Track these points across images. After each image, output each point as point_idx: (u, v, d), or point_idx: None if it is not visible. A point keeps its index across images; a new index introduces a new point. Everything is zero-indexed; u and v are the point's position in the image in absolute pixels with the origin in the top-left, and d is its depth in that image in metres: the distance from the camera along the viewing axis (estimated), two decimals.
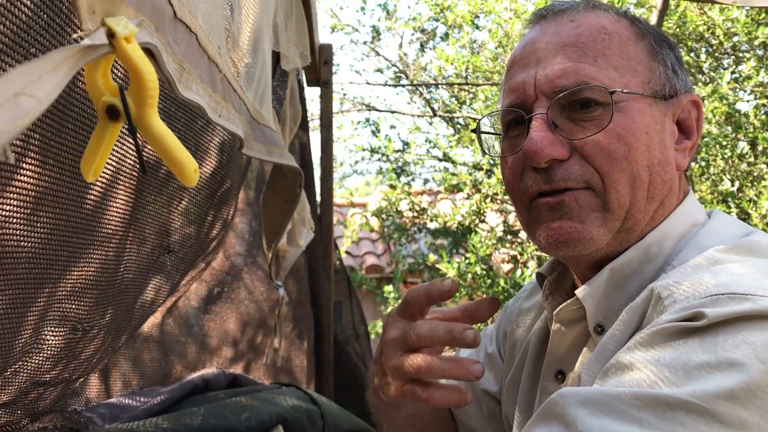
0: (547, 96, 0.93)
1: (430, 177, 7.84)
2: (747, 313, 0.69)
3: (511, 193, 1.01)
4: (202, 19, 0.76)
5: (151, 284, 1.62)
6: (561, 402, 0.71)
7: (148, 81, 0.47)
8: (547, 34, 0.96)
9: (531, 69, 0.95)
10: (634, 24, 0.98)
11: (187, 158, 0.49)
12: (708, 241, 0.90)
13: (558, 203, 0.92)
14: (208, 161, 1.64)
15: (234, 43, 0.99)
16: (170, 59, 0.61)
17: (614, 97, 0.90)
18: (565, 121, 0.93)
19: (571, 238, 0.91)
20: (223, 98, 0.89)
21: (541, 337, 1.12)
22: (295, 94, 2.27)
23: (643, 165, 0.91)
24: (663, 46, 0.98)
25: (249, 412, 1.52)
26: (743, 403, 0.63)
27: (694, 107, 1.00)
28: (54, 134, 0.93)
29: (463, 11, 6.14)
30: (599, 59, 0.92)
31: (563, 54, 0.93)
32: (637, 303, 0.84)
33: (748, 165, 5.37)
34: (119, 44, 0.44)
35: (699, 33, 5.64)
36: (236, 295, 2.55)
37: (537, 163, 0.91)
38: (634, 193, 0.91)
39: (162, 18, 0.57)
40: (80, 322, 1.31)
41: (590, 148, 0.90)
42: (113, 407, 1.60)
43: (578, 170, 0.91)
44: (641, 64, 0.95)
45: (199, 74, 0.74)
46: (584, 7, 0.98)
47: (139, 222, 1.42)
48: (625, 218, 0.91)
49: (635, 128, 0.91)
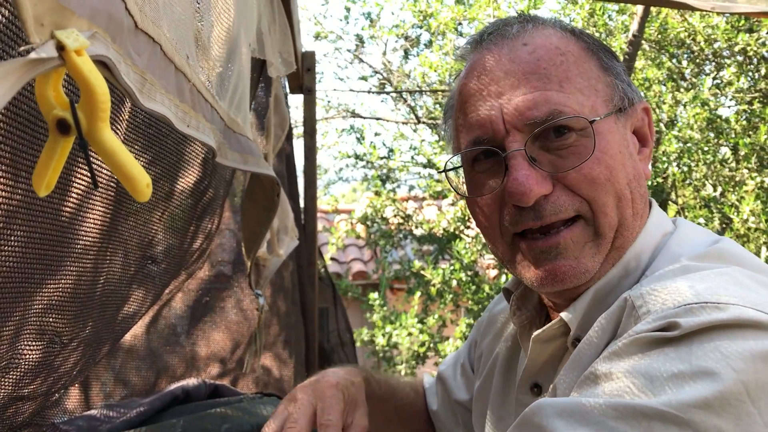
0: (519, 129, 0.89)
1: (416, 184, 7.86)
2: (720, 322, 0.69)
3: (488, 230, 0.98)
4: (167, 29, 0.75)
5: (133, 295, 1.61)
6: (538, 413, 0.72)
7: (99, 95, 0.46)
8: (501, 61, 0.92)
9: (493, 101, 0.91)
10: (579, 39, 0.96)
11: (140, 173, 0.49)
12: (679, 249, 0.90)
13: (551, 246, 0.90)
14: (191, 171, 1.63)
15: (205, 52, 0.98)
16: (130, 70, 0.60)
17: (594, 125, 0.89)
18: (541, 152, 0.90)
19: (567, 277, 0.90)
20: (192, 108, 0.88)
21: (511, 349, 1.12)
22: (280, 101, 2.26)
23: (624, 183, 0.90)
24: (611, 58, 0.97)
25: (229, 422, 1.51)
26: (718, 411, 0.64)
27: (645, 114, 1.00)
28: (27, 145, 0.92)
29: (446, 18, 6.17)
30: (564, 84, 0.90)
31: (527, 83, 0.90)
32: (611, 311, 0.84)
33: (730, 170, 5.42)
34: (69, 57, 0.43)
35: (680, 39, 5.70)
36: (223, 304, 2.54)
37: (525, 203, 0.88)
38: (622, 212, 0.90)
39: (120, 29, 0.56)
40: (58, 335, 1.29)
41: (574, 178, 0.89)
42: (91, 419, 1.58)
43: (566, 201, 0.89)
44: (600, 81, 0.93)
45: (164, 84, 0.73)
46: (533, 27, 0.95)
47: (120, 233, 1.40)
48: (614, 238, 0.91)
49: (611, 149, 0.90)
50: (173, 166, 1.53)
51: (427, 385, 1.43)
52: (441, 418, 1.35)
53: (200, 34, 0.93)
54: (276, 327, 2.69)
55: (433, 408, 1.37)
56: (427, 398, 1.40)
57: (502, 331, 1.19)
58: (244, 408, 1.62)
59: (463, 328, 6.10)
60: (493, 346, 1.20)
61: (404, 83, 7.31)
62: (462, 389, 1.31)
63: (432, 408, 1.37)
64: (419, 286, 6.32)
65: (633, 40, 4.35)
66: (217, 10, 1.06)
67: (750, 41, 5.22)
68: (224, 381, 2.42)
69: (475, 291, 5.85)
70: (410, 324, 6.22)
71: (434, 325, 6.37)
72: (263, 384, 2.59)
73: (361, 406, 1.12)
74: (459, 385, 1.33)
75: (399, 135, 7.69)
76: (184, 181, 1.61)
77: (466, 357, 1.34)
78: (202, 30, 0.94)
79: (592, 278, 0.92)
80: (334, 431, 1.01)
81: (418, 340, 6.28)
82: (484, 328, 1.27)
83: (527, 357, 1.00)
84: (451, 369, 1.37)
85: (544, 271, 0.91)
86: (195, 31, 0.90)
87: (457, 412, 1.30)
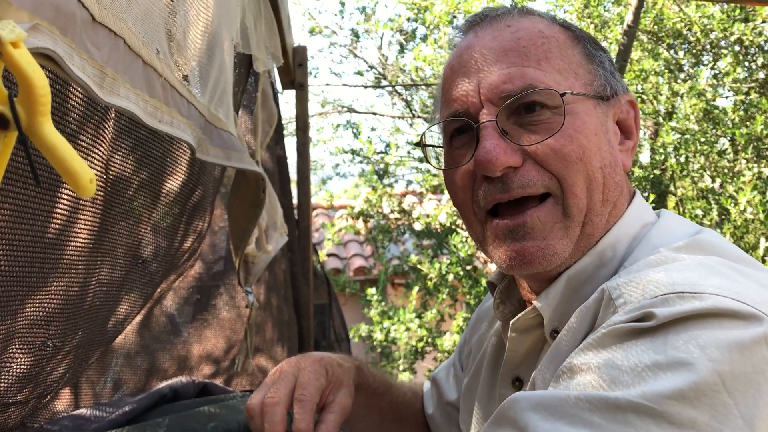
0: (493, 103, 0.91)
1: (413, 178, 7.85)
2: (696, 311, 0.68)
3: (462, 207, 0.98)
4: (133, 23, 0.73)
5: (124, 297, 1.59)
6: (513, 407, 0.71)
7: (38, 88, 0.45)
8: (484, 40, 0.94)
9: (472, 77, 0.93)
10: (566, 29, 0.97)
11: (82, 168, 0.47)
12: (659, 241, 0.89)
13: (519, 225, 0.90)
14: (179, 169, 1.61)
15: (179, 46, 0.97)
16: (86, 64, 0.59)
17: (564, 99, 0.89)
18: (514, 127, 0.91)
19: (535, 258, 0.89)
20: (165, 103, 0.86)
21: (497, 345, 1.11)
22: (267, 97, 2.24)
23: (597, 167, 0.90)
24: (596, 48, 0.98)
25: (215, 421, 1.50)
26: (693, 402, 0.63)
27: (631, 108, 1.00)
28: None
29: (440, 11, 6.16)
30: (542, 63, 0.91)
31: (505, 59, 0.91)
32: (588, 303, 0.83)
33: (728, 161, 5.40)
34: (5, 49, 0.42)
35: (676, 30, 5.68)
36: (216, 302, 2.53)
37: (492, 172, 0.88)
38: (591, 196, 0.89)
39: (72, 22, 0.55)
40: (50, 338, 1.28)
41: (544, 152, 0.89)
42: (77, 419, 1.57)
43: (535, 176, 0.89)
44: (581, 67, 0.94)
45: (130, 79, 0.72)
46: (518, 13, 0.97)
47: (109, 235, 1.39)
48: (583, 223, 0.90)
49: (586, 129, 0.90)
50: (161, 164, 1.51)
51: (425, 390, 1.43)
52: (436, 422, 1.34)
53: (173, 29, 0.92)
54: (269, 324, 2.67)
55: (429, 412, 1.37)
56: (424, 402, 1.40)
57: (490, 327, 1.19)
58: (231, 406, 1.61)
59: (460, 322, 6.10)
60: (481, 342, 1.19)
61: (399, 78, 7.29)
62: (453, 390, 1.31)
63: (428, 412, 1.37)
64: (417, 280, 6.32)
65: (628, 30, 4.33)
66: (193, 4, 1.04)
67: (746, 31, 5.20)
68: (217, 379, 2.41)
69: (473, 285, 5.84)
70: (408, 319, 6.22)
71: (432, 320, 6.36)
72: (257, 382, 2.58)
73: (346, 387, 1.12)
74: (450, 386, 1.32)
75: (395, 130, 7.68)
76: (173, 181, 1.60)
77: (457, 358, 1.34)
78: (175, 24, 0.92)
79: (562, 264, 0.91)
80: (308, 406, 1.03)
81: (417, 335, 6.28)
82: (473, 326, 1.27)
83: (506, 349, 1.00)
84: (444, 371, 1.37)
85: (513, 251, 0.90)
86: (166, 25, 0.89)
87: (450, 413, 1.30)
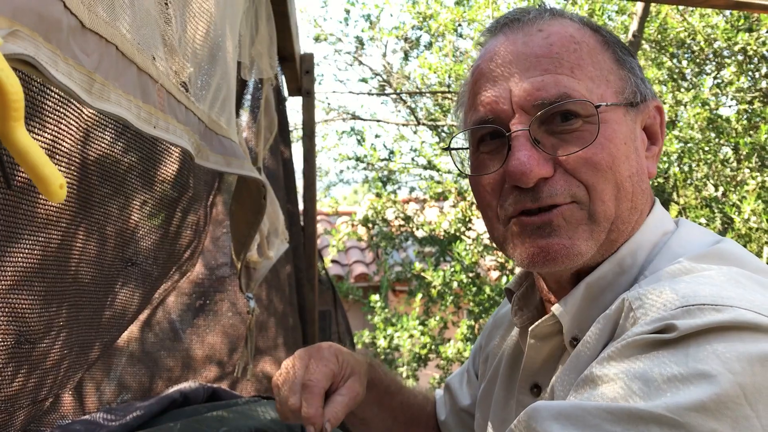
0: (525, 111, 0.89)
1: (416, 185, 7.86)
2: (717, 324, 0.68)
3: (486, 210, 0.97)
4: (127, 30, 0.74)
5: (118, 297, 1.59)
6: (534, 416, 0.71)
7: (11, 93, 0.45)
8: (516, 44, 0.93)
9: (503, 82, 0.92)
10: (596, 32, 0.96)
11: (53, 173, 0.48)
12: (679, 250, 0.89)
13: (545, 223, 0.89)
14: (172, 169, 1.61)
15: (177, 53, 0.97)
16: (73, 70, 0.59)
17: (598, 109, 0.88)
18: (545, 135, 0.90)
19: (559, 255, 0.88)
20: (161, 109, 0.87)
21: (515, 350, 1.11)
22: (270, 104, 2.26)
23: (626, 175, 0.89)
24: (626, 53, 0.97)
25: (226, 425, 1.50)
26: (715, 415, 0.63)
27: (658, 113, 0.99)
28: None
29: (445, 20, 6.17)
30: (575, 70, 0.89)
31: (538, 66, 0.90)
32: (609, 312, 0.83)
33: (731, 170, 5.41)
34: None
35: (680, 39, 5.69)
36: (219, 307, 2.53)
37: (525, 183, 0.88)
38: (619, 204, 0.89)
39: (58, 28, 0.56)
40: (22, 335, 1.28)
41: (575, 161, 0.88)
42: (88, 423, 1.57)
43: (563, 185, 0.88)
44: (612, 74, 0.93)
45: (122, 84, 0.72)
46: (549, 16, 0.95)
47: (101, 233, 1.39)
48: (610, 230, 0.90)
49: (616, 138, 0.89)
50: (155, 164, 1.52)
51: (437, 396, 1.43)
52: (449, 428, 1.34)
53: (170, 36, 0.92)
54: (273, 330, 2.67)
55: (442, 418, 1.36)
56: (436, 409, 1.40)
57: (507, 334, 1.18)
58: (241, 411, 1.61)
59: (464, 329, 6.09)
60: (498, 348, 1.19)
61: (404, 85, 7.31)
62: (467, 396, 1.31)
63: (441, 418, 1.37)
64: (420, 288, 6.31)
65: (633, 40, 4.35)
66: (193, 11, 1.05)
67: (750, 40, 5.21)
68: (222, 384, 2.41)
69: (476, 293, 5.84)
70: (411, 326, 6.21)
71: (436, 327, 6.35)
72: (262, 387, 2.58)
73: (357, 374, 1.13)
74: (464, 393, 1.32)
75: (399, 137, 7.69)
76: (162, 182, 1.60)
77: (471, 364, 1.34)
78: (172, 32, 0.92)
79: (583, 267, 0.91)
80: (315, 390, 1.04)
81: (420, 342, 6.27)
82: (489, 332, 1.27)
83: (525, 355, 1.00)
84: (457, 378, 1.37)
85: (537, 247, 0.89)
86: (165, 32, 0.89)
87: (465, 419, 1.30)
